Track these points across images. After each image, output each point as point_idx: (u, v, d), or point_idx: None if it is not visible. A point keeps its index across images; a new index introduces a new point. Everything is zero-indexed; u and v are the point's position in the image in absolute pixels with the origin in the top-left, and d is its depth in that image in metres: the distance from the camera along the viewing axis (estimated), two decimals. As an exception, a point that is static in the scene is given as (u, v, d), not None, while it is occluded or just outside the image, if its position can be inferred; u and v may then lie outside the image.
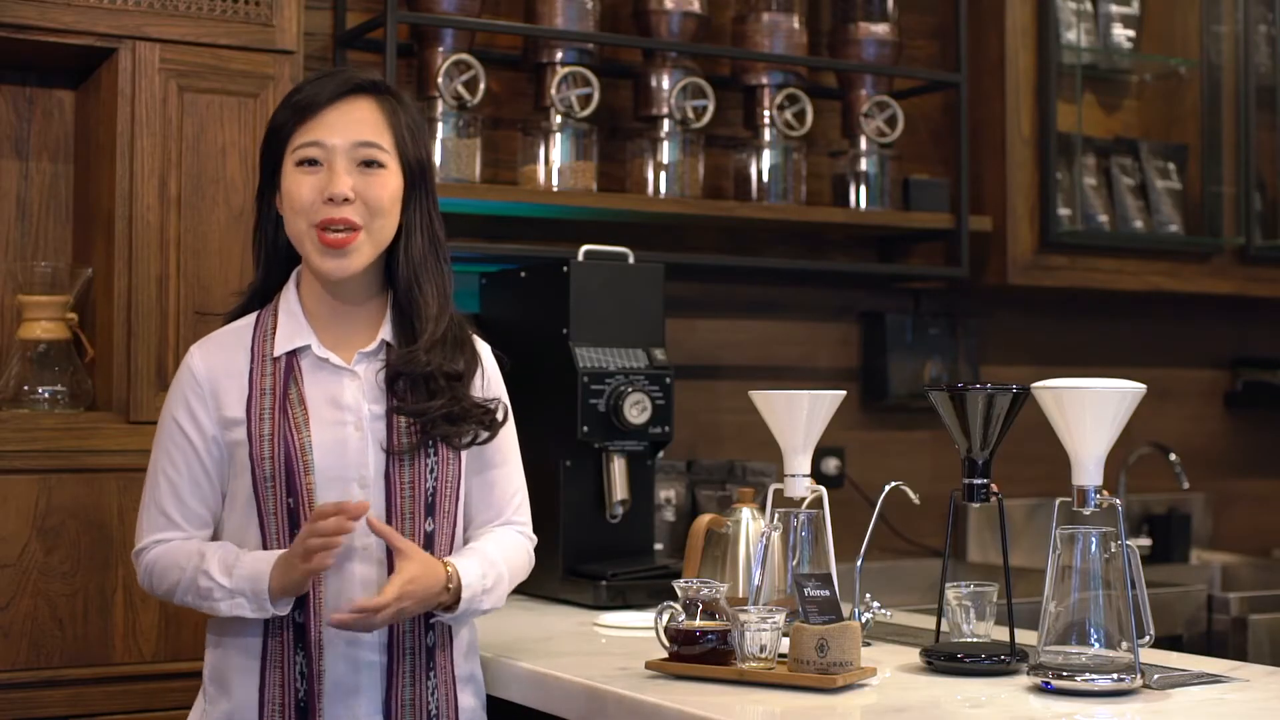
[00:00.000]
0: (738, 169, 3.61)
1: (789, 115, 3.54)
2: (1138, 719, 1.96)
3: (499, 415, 2.26)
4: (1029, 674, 2.12)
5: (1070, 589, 2.10)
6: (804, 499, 2.42)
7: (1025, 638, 2.24)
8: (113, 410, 2.67)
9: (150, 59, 2.69)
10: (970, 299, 4.02)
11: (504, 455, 2.32)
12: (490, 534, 2.28)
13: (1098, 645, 2.08)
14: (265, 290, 2.29)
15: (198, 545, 2.19)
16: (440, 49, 3.25)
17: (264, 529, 2.17)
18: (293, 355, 2.21)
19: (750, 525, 2.60)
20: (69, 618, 2.60)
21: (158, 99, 2.70)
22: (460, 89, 3.20)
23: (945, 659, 2.23)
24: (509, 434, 2.33)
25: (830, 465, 3.77)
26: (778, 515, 2.43)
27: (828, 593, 2.15)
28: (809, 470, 2.42)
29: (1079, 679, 2.05)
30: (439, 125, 3.21)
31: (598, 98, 3.31)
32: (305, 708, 2.15)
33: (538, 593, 2.91)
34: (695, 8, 3.46)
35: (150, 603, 2.64)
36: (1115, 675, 2.05)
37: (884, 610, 2.45)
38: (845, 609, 2.21)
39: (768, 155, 3.56)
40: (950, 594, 2.30)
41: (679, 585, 2.25)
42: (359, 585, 2.16)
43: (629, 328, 2.99)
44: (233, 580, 2.13)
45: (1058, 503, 2.15)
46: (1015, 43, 3.81)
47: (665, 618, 2.24)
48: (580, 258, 3.01)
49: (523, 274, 3.13)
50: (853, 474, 3.80)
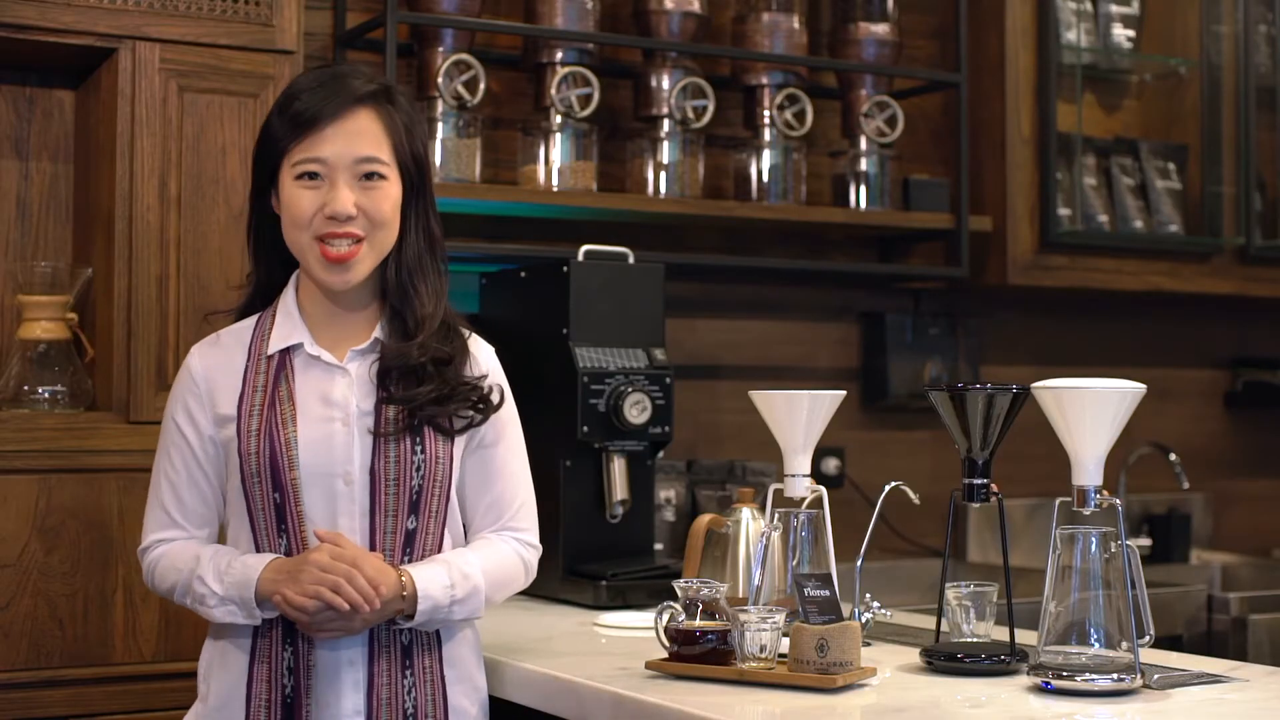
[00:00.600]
0: (738, 169, 3.61)
1: (789, 115, 3.54)
2: (1138, 719, 1.96)
3: (493, 396, 2.26)
4: (1029, 674, 2.12)
5: (1070, 589, 2.10)
6: (804, 499, 2.42)
7: (1025, 638, 2.24)
8: (113, 410, 2.67)
9: (150, 59, 2.69)
10: (970, 299, 4.02)
11: (505, 461, 2.30)
12: (479, 542, 2.28)
13: (1098, 645, 2.08)
14: (268, 290, 2.29)
15: (196, 549, 2.21)
16: (440, 49, 3.25)
17: (253, 524, 2.19)
18: (286, 353, 2.22)
19: (750, 525, 2.60)
20: (69, 618, 2.60)
21: (158, 99, 2.70)
22: (460, 89, 3.20)
23: (945, 659, 2.23)
24: (511, 437, 2.32)
25: (830, 465, 3.77)
26: (778, 515, 2.43)
27: (828, 593, 2.15)
28: (809, 470, 2.42)
29: (1079, 679, 2.05)
30: (439, 125, 3.21)
31: (598, 98, 3.31)
32: (291, 703, 2.15)
33: (538, 593, 2.90)
34: (695, 8, 3.46)
35: (150, 603, 2.64)
36: (1115, 675, 2.05)
37: (884, 610, 2.45)
38: (845, 609, 2.21)
39: (768, 155, 3.56)
40: (950, 594, 2.30)
41: (679, 585, 2.25)
42: None
43: (629, 328, 2.99)
44: (224, 587, 2.15)
45: (1058, 503, 2.15)
46: (1015, 43, 3.81)
47: (665, 618, 2.24)
48: (580, 258, 3.01)
49: (523, 274, 3.13)
50: (853, 474, 3.80)
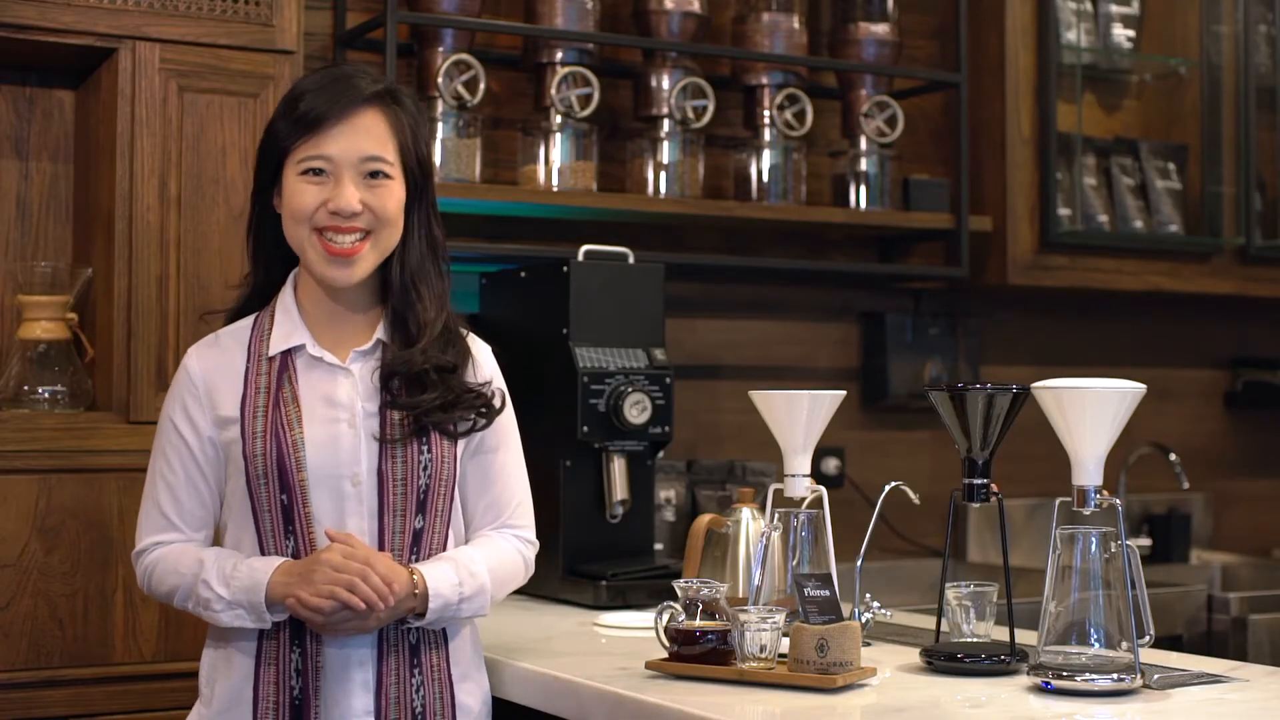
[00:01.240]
0: (738, 169, 3.61)
1: (789, 115, 3.54)
2: (1138, 719, 1.96)
3: (495, 401, 2.26)
4: (1029, 674, 2.12)
5: (1070, 589, 2.10)
6: (804, 499, 2.42)
7: (1025, 638, 2.24)
8: (113, 410, 2.67)
9: (150, 59, 2.69)
10: (970, 299, 4.02)
11: (505, 463, 2.31)
12: (480, 540, 2.28)
13: (1098, 645, 2.08)
14: (265, 290, 2.29)
15: (197, 552, 2.19)
16: (440, 49, 3.25)
17: (259, 526, 2.17)
18: (287, 354, 2.21)
19: (750, 525, 2.60)
20: (69, 618, 2.60)
21: (158, 99, 2.70)
22: (460, 89, 3.20)
23: (945, 659, 2.23)
24: (511, 440, 2.33)
25: (830, 465, 3.77)
26: (778, 515, 2.43)
27: (828, 593, 2.15)
28: (809, 470, 2.42)
29: (1079, 679, 2.05)
30: (439, 125, 3.21)
31: (598, 98, 3.31)
32: (300, 704, 2.15)
33: (538, 593, 2.90)
34: (695, 8, 3.46)
35: (150, 603, 2.64)
36: (1115, 675, 2.05)
37: (884, 610, 2.45)
38: (845, 609, 2.21)
39: (768, 155, 3.56)
40: (950, 594, 2.30)
41: (679, 585, 2.25)
42: None
43: (629, 328, 2.99)
44: (230, 592, 2.14)
45: (1058, 503, 2.15)
46: (1015, 43, 3.81)
47: (665, 618, 2.24)
48: (580, 258, 3.01)
49: (523, 274, 3.13)
50: (853, 474, 3.80)
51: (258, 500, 2.17)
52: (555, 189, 3.32)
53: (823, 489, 2.42)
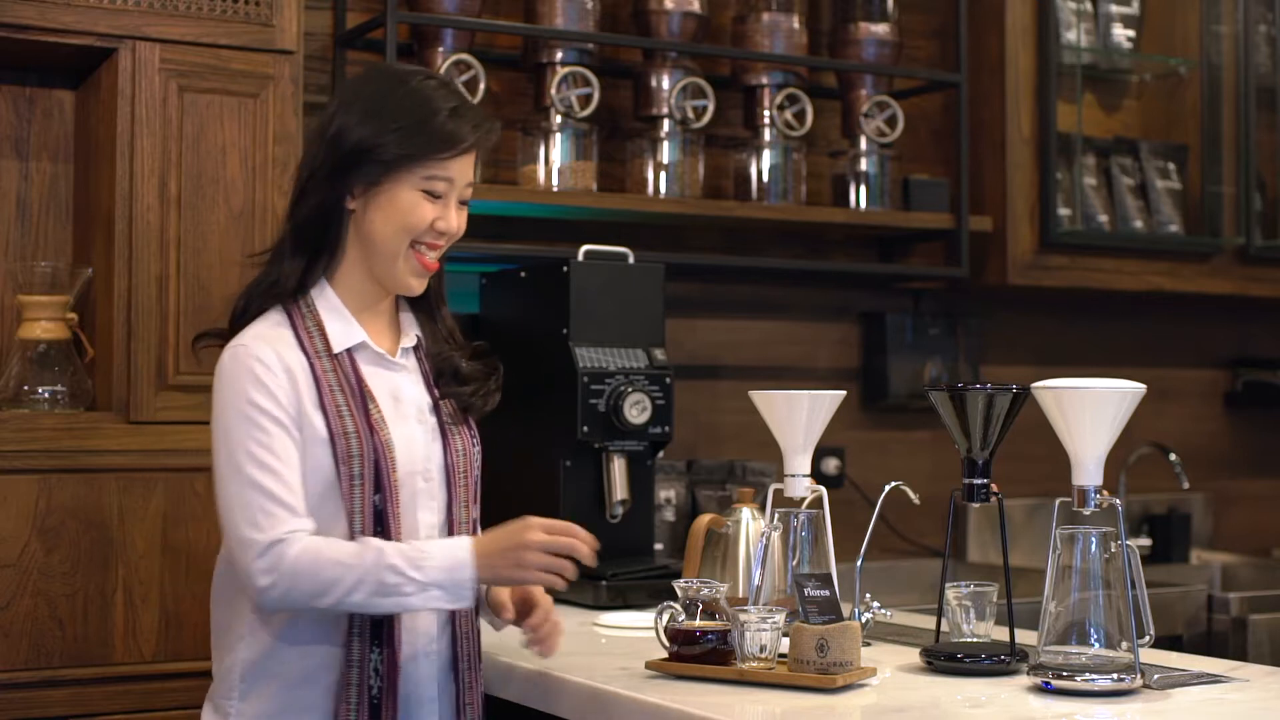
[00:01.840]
0: (738, 169, 3.61)
1: (789, 115, 3.54)
2: (1138, 719, 1.96)
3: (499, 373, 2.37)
4: (1029, 674, 2.12)
5: (1070, 589, 2.10)
6: (804, 499, 2.42)
7: (1025, 638, 2.24)
8: (113, 410, 2.67)
9: (150, 59, 2.69)
10: (970, 299, 4.02)
11: None
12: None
13: (1098, 645, 2.08)
14: (282, 283, 2.23)
15: (352, 544, 2.11)
16: (440, 49, 3.25)
17: (350, 527, 2.15)
18: (348, 353, 2.22)
19: (750, 525, 2.60)
20: (69, 618, 2.60)
21: (158, 99, 2.70)
22: (460, 89, 3.20)
23: (945, 659, 2.23)
24: None
25: (830, 465, 3.77)
26: (778, 515, 2.43)
27: (828, 593, 2.15)
28: (809, 470, 2.42)
29: (1079, 679, 2.05)
30: (439, 125, 3.20)
31: (598, 98, 3.31)
32: (378, 705, 2.15)
33: (538, 593, 2.90)
34: (695, 8, 3.46)
35: (150, 603, 2.64)
36: (1115, 675, 2.05)
37: (884, 610, 2.45)
38: (845, 609, 2.21)
39: (768, 155, 3.56)
40: (950, 594, 2.30)
41: (679, 585, 2.25)
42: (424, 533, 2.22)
43: (629, 328, 2.99)
44: (425, 574, 2.09)
45: (1058, 503, 2.15)
46: (1015, 43, 3.81)
47: (665, 618, 2.24)
48: (580, 258, 3.01)
49: (523, 274, 3.13)
50: (853, 474, 3.80)
51: (350, 501, 2.15)
52: (555, 189, 3.32)
53: (823, 489, 2.42)
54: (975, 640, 2.28)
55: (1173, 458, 4.08)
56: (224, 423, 2.13)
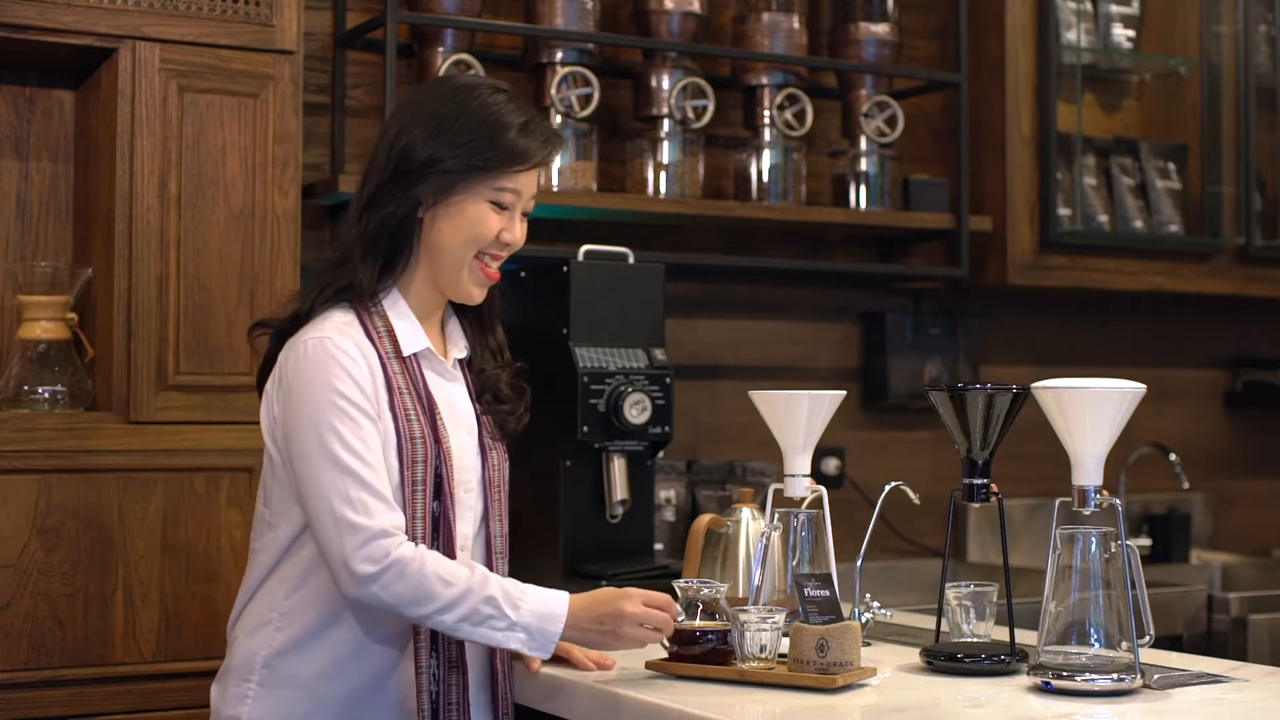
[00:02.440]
0: (738, 169, 3.61)
1: (789, 115, 3.54)
2: (1138, 719, 1.96)
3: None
4: (1029, 674, 2.12)
5: (1070, 589, 2.10)
6: (804, 499, 2.42)
7: (1025, 638, 2.24)
8: (113, 410, 2.67)
9: (150, 59, 2.69)
10: (970, 299, 4.01)
11: None
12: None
13: (1098, 645, 2.08)
14: (354, 288, 2.24)
15: (465, 565, 2.14)
16: (440, 49, 3.25)
17: (410, 532, 2.15)
18: (414, 358, 2.25)
19: (750, 525, 2.60)
20: (69, 618, 2.60)
21: (158, 99, 2.70)
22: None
23: (945, 659, 2.23)
24: None
25: (830, 465, 3.77)
26: (778, 515, 2.43)
27: (828, 593, 2.15)
28: (809, 470, 2.42)
29: (1079, 679, 2.05)
30: (439, 125, 3.21)
31: (598, 98, 3.31)
32: (435, 709, 2.18)
33: (538, 593, 2.90)
34: (695, 8, 3.46)
35: (150, 603, 2.64)
36: (1115, 675, 2.05)
37: (884, 610, 2.45)
38: (845, 609, 2.21)
39: (768, 155, 3.56)
40: (950, 594, 2.30)
41: (679, 585, 2.25)
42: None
43: (629, 328, 2.99)
44: (519, 614, 2.12)
45: (1058, 503, 2.15)
46: (1015, 43, 3.81)
47: (665, 618, 2.24)
48: (580, 258, 3.01)
49: (523, 274, 3.13)
50: (853, 474, 3.80)
51: (411, 506, 2.16)
52: (555, 189, 3.32)
53: (823, 489, 2.42)
54: (975, 640, 2.28)
55: (1173, 458, 4.08)
56: (309, 409, 2.12)
